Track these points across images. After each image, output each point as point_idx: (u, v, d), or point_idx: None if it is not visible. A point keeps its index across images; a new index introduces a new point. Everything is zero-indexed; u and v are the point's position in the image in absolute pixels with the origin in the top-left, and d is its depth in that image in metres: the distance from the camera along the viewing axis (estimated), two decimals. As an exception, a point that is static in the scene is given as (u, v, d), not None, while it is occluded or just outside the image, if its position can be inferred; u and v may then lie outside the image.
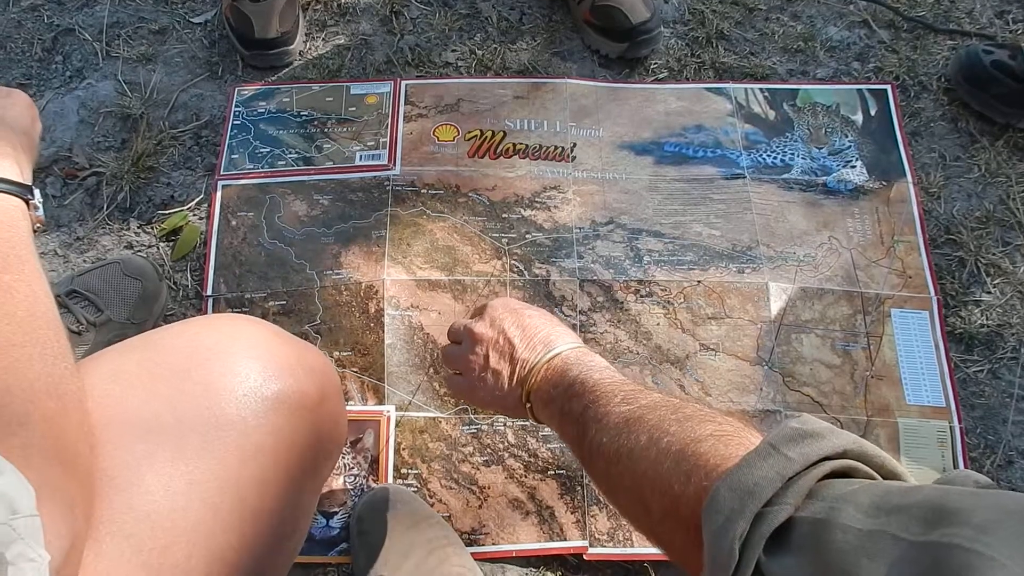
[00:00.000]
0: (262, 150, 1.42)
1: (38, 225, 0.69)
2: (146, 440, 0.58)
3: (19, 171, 0.67)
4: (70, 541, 0.49)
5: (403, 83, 1.48)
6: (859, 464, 0.49)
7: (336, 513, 1.16)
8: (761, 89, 1.51)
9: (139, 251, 1.34)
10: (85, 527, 0.52)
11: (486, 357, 0.83)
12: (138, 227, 1.36)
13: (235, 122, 1.44)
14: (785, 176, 1.42)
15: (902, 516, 0.40)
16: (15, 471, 0.47)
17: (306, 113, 1.46)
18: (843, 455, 0.49)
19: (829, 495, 0.46)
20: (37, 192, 0.68)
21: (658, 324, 1.29)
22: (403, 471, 1.19)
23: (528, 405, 0.80)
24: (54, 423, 0.53)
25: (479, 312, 0.88)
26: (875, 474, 0.49)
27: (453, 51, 1.54)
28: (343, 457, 1.19)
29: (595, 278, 1.31)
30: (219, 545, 0.59)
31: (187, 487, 0.58)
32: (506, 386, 0.81)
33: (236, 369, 0.64)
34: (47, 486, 0.49)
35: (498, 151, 1.42)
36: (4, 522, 0.44)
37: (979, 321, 1.32)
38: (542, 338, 0.81)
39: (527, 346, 0.81)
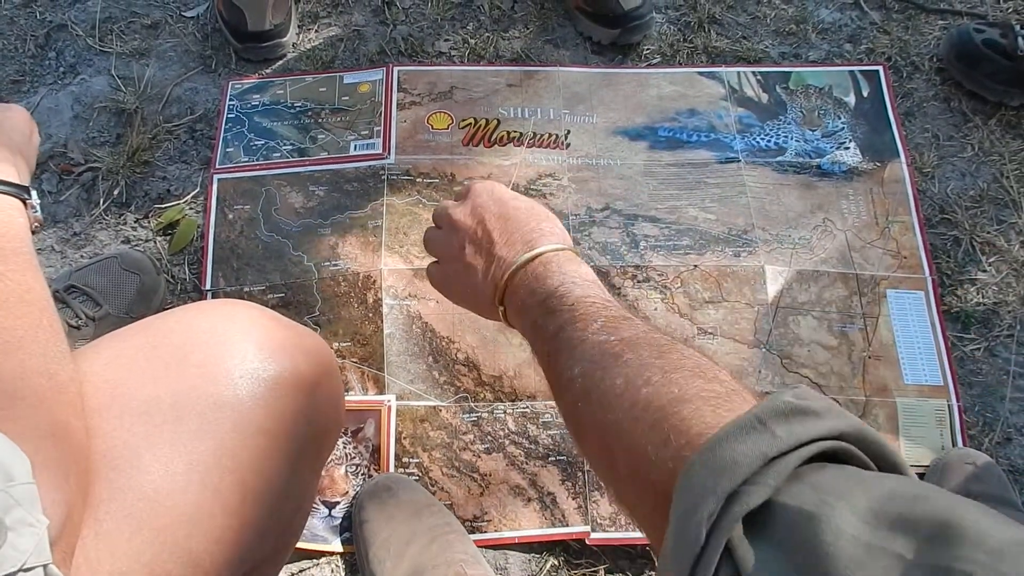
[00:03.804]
0: (257, 142, 1.42)
1: (35, 225, 0.72)
2: (145, 422, 0.59)
3: (16, 174, 0.71)
4: (66, 510, 0.50)
5: (395, 70, 1.48)
6: (854, 449, 0.43)
7: (338, 503, 1.17)
8: (754, 72, 1.51)
9: (136, 245, 1.34)
10: (81, 500, 0.53)
11: (462, 248, 0.74)
12: (135, 221, 1.36)
13: (229, 115, 1.44)
14: (779, 159, 1.42)
15: (906, 531, 0.35)
16: (9, 442, 0.48)
17: (300, 104, 1.46)
18: (839, 438, 0.42)
19: (820, 484, 0.40)
20: (34, 193, 0.71)
21: (656, 309, 1.30)
22: (404, 460, 1.20)
23: (501, 309, 0.72)
24: (45, 399, 0.54)
25: (463, 195, 0.78)
26: (870, 462, 0.43)
27: (446, 40, 1.54)
28: (345, 447, 1.20)
29: (592, 264, 1.32)
30: (219, 526, 0.59)
31: (187, 468, 0.58)
32: (479, 283, 0.73)
33: (233, 351, 0.64)
34: (40, 456, 0.49)
35: (492, 139, 1.42)
36: (2, 489, 0.45)
37: (975, 300, 1.33)
38: (524, 234, 0.71)
39: (506, 242, 0.71)
